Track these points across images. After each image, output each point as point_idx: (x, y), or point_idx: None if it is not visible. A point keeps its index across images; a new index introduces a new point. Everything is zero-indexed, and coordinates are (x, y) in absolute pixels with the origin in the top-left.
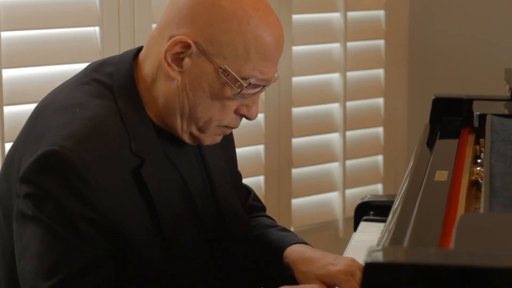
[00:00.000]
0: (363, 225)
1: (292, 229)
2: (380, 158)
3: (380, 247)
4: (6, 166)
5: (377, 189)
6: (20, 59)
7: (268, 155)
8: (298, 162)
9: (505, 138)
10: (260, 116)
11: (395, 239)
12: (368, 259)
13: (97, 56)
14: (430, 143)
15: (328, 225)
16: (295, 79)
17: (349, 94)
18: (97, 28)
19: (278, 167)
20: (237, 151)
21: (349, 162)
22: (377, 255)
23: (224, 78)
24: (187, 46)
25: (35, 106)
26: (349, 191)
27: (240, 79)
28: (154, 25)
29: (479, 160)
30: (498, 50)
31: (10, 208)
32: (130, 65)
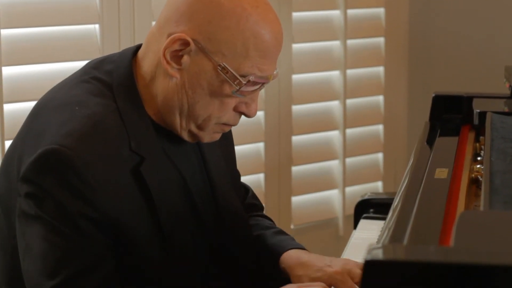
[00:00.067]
0: (363, 222)
1: (292, 227)
2: (380, 155)
3: (380, 245)
4: (5, 163)
5: (377, 186)
6: (20, 57)
7: (268, 153)
8: (298, 160)
9: (505, 135)
10: (260, 114)
11: (395, 236)
12: (368, 256)
13: (97, 54)
14: (430, 141)
15: (328, 222)
16: (295, 77)
17: (349, 91)
18: (97, 26)
19: (278, 165)
20: (237, 148)
21: (349, 160)
22: (377, 253)
23: (223, 76)
24: (185, 44)
25: (35, 103)
26: (349, 189)
27: (239, 77)
28: (154, 22)
29: (479, 158)
30: (498, 48)
31: (10, 205)
32: (129, 62)
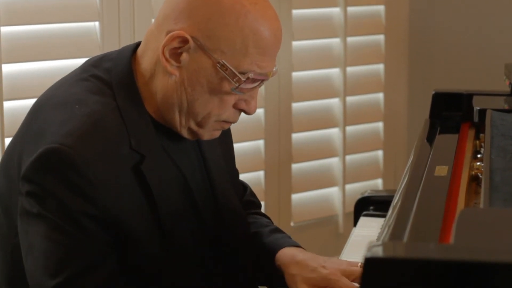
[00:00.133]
0: (363, 220)
1: (292, 224)
2: (380, 153)
3: (380, 242)
4: (5, 162)
5: (377, 184)
6: (20, 54)
7: (268, 150)
8: (298, 157)
9: (505, 133)
10: (260, 111)
11: (395, 234)
12: (368, 254)
13: (97, 51)
14: (430, 138)
15: (328, 220)
16: (295, 74)
17: (349, 89)
18: (97, 23)
19: (278, 162)
20: (237, 146)
21: (349, 157)
22: (377, 250)
23: (222, 73)
24: (184, 41)
25: (34, 101)
26: (349, 186)
27: (238, 74)
28: (153, 20)
29: (479, 155)
30: (498, 45)
31: (11, 204)
32: (129, 60)
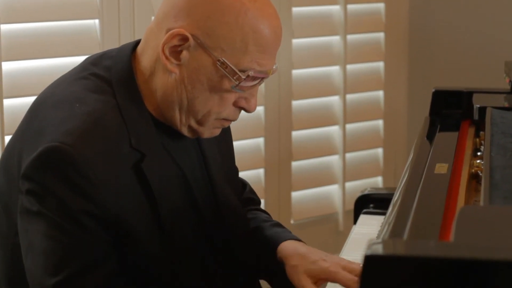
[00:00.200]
0: (363, 218)
1: (292, 222)
2: (380, 151)
3: (380, 240)
4: (5, 160)
5: (377, 182)
6: (20, 52)
7: (268, 148)
8: (298, 155)
9: (505, 131)
10: (260, 109)
11: (395, 231)
12: (368, 251)
13: (96, 49)
14: (430, 136)
15: (328, 218)
16: (295, 72)
17: (349, 87)
18: (96, 21)
19: (278, 160)
20: (237, 144)
21: (349, 155)
22: (377, 248)
23: (222, 71)
24: (184, 39)
25: (34, 99)
26: (349, 184)
27: (238, 72)
28: (153, 18)
29: (479, 153)
30: (498, 43)
31: (10, 203)
32: (128, 58)
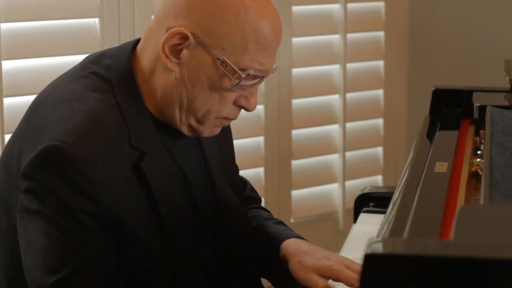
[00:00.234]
0: (363, 216)
1: (292, 220)
2: (380, 149)
3: (380, 239)
4: (5, 158)
5: (377, 180)
6: (20, 51)
7: (268, 147)
8: (298, 154)
9: (505, 129)
10: (260, 108)
11: (395, 230)
12: (368, 250)
13: (96, 48)
14: (430, 135)
15: (328, 216)
16: (295, 71)
17: (349, 85)
18: (96, 20)
19: (278, 159)
20: (237, 142)
21: (349, 154)
22: (377, 247)
23: (223, 70)
24: (184, 38)
25: (33, 98)
26: (349, 183)
27: (238, 70)
28: (153, 16)
29: (479, 152)
30: (498, 42)
31: (10, 201)
32: (128, 57)
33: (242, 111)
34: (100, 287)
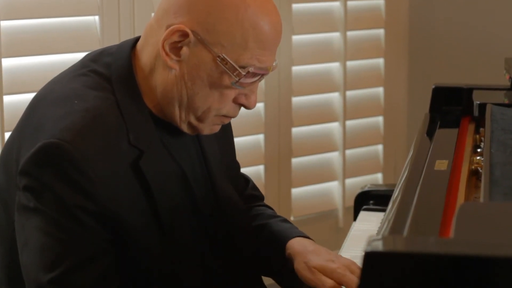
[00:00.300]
0: (363, 214)
1: (292, 218)
2: (380, 147)
3: (380, 236)
4: (4, 157)
5: (377, 178)
6: (20, 48)
7: (268, 145)
8: (298, 152)
9: (505, 127)
10: (260, 106)
11: (395, 228)
12: (368, 248)
13: (96, 45)
14: (430, 133)
15: (328, 214)
16: (295, 69)
17: (349, 83)
18: (96, 17)
19: (278, 157)
20: (236, 140)
21: (349, 152)
22: (377, 244)
23: (222, 67)
24: (184, 35)
25: (33, 96)
26: (349, 181)
27: (238, 68)
28: (153, 14)
29: (479, 150)
30: (498, 40)
31: (9, 199)
32: (128, 55)
33: (242, 109)
34: (97, 285)
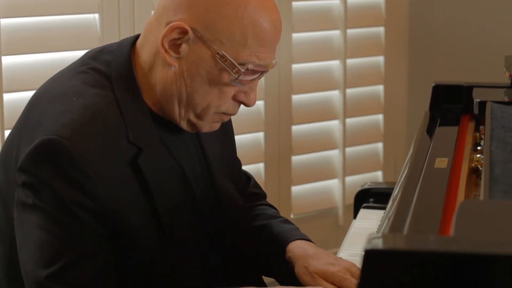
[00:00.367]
0: (363, 212)
1: (292, 216)
2: (380, 145)
3: (380, 234)
4: (3, 155)
5: (377, 176)
6: (20, 46)
7: (268, 143)
8: (298, 149)
9: (505, 125)
10: (260, 103)
11: (395, 226)
12: (367, 246)
13: (96, 43)
14: (430, 131)
15: (328, 212)
16: (295, 66)
17: (349, 81)
18: (96, 15)
19: (278, 155)
20: (237, 138)
21: (349, 150)
22: (377, 242)
23: (222, 64)
24: (184, 32)
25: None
26: (349, 178)
27: (237, 65)
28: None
29: (479, 147)
30: (498, 38)
31: (9, 197)
32: (128, 53)
33: (242, 106)
34: (94, 281)
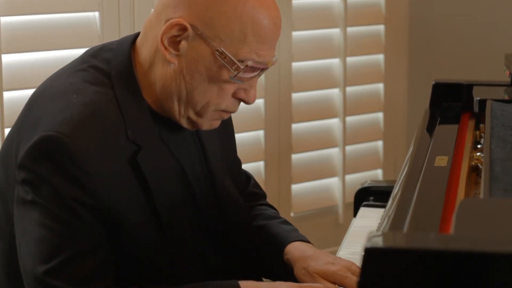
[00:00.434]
0: (363, 210)
1: (292, 214)
2: (380, 143)
3: (380, 232)
4: (3, 153)
5: (377, 174)
6: (20, 44)
7: (268, 141)
8: (298, 148)
9: (505, 123)
10: (260, 102)
11: (395, 224)
12: (367, 244)
13: (96, 41)
14: (430, 129)
15: (328, 210)
16: (295, 64)
17: (349, 79)
18: (96, 13)
19: (278, 153)
20: (237, 136)
21: (349, 148)
22: (376, 240)
23: (221, 61)
24: (183, 29)
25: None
26: (349, 177)
27: (237, 62)
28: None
29: (479, 146)
30: (498, 36)
31: (9, 194)
32: (128, 51)
33: (242, 104)
34: (92, 277)
